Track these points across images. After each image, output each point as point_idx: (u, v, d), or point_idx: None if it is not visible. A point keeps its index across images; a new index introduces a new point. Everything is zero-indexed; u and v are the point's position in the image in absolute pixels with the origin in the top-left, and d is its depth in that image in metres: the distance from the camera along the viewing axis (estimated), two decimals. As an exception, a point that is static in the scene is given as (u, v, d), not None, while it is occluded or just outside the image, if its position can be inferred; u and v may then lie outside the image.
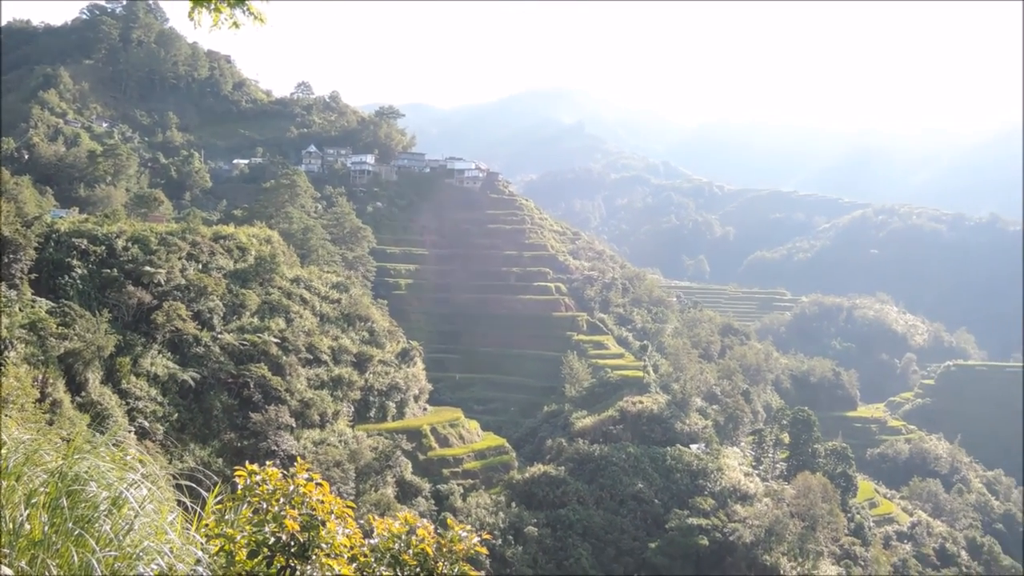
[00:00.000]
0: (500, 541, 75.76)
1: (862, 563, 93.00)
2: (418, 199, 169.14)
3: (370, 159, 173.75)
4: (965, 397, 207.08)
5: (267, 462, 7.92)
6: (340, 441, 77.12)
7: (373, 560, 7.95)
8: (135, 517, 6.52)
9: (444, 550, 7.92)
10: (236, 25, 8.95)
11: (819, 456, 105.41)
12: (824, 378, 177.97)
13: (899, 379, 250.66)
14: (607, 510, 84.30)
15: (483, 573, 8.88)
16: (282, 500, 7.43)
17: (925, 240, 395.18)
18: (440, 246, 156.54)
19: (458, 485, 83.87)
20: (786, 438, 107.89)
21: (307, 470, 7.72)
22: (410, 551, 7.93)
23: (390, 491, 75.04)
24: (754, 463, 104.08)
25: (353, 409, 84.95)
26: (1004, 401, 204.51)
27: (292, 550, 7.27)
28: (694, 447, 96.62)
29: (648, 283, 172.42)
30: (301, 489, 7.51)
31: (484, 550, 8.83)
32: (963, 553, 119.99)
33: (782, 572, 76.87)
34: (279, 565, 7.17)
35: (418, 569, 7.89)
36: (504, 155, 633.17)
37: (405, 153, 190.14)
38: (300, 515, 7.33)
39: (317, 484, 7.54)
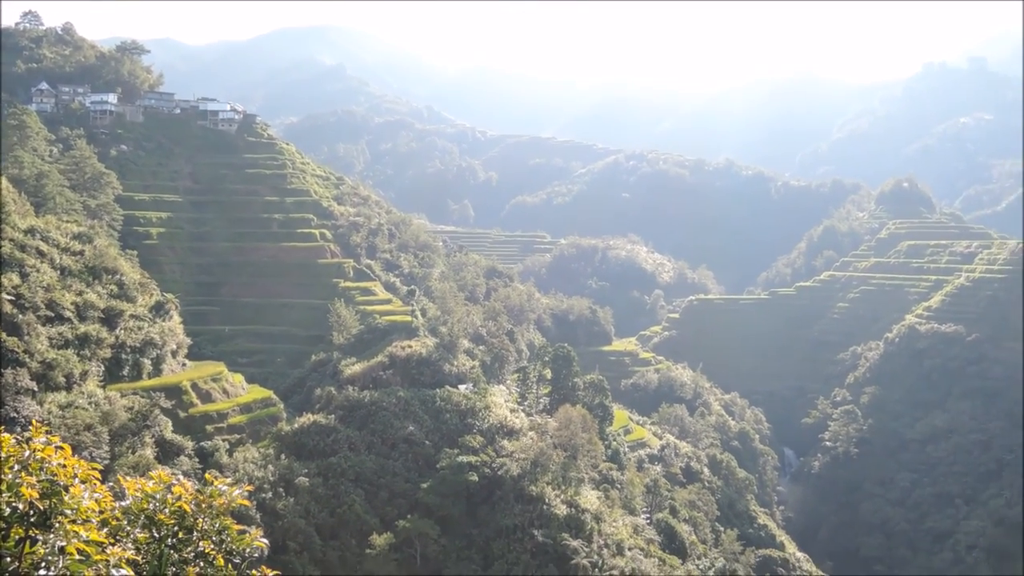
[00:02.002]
0: (271, 494, 74.29)
1: (619, 486, 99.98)
2: (168, 142, 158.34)
3: (112, 99, 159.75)
4: (706, 329, 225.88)
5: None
6: (91, 403, 71.90)
7: (126, 523, 7.53)
8: None
9: (203, 506, 7.63)
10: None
11: (579, 389, 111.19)
12: (582, 316, 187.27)
13: (649, 314, 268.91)
14: (379, 455, 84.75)
15: (256, 528, 8.62)
16: (16, 467, 6.83)
17: (671, 184, 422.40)
18: (195, 192, 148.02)
19: (223, 441, 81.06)
20: (548, 374, 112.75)
21: (46, 433, 7.13)
22: (166, 510, 7.57)
23: (149, 452, 71.24)
24: (519, 399, 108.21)
25: (104, 368, 79.31)
26: (739, 331, 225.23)
27: (32, 519, 6.73)
28: (462, 387, 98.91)
29: (414, 228, 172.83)
30: (38, 454, 6.94)
31: (247, 503, 8.59)
32: (705, 470, 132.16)
33: (547, 500, 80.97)
34: (17, 537, 6.62)
35: (176, 528, 7.56)
36: (261, 97, 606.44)
37: (152, 92, 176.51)
38: (39, 482, 6.78)
39: (58, 448, 7.00)
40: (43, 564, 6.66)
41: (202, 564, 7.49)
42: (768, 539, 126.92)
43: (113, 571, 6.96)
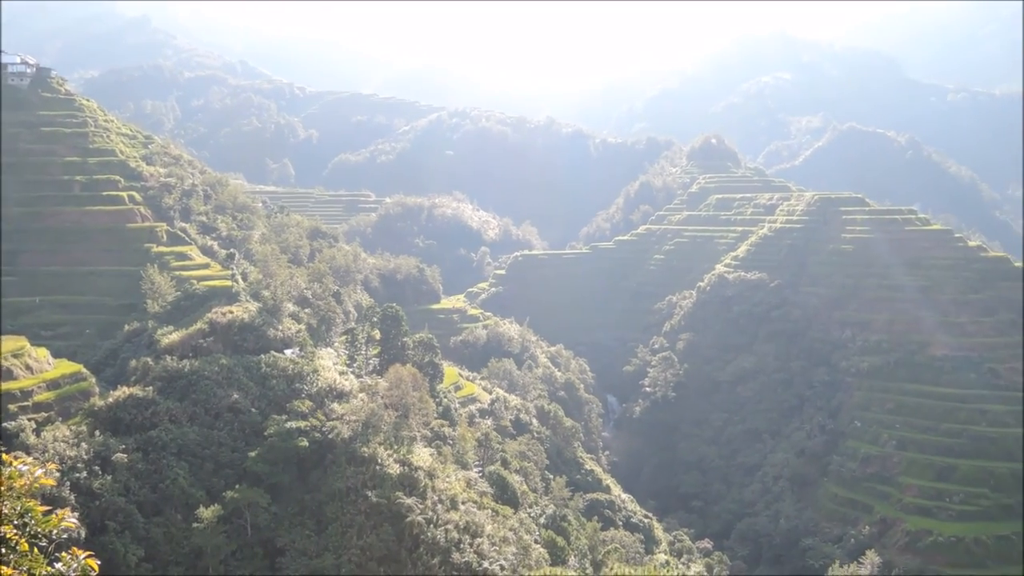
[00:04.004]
0: (85, 473, 70.26)
1: (451, 442, 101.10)
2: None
3: None
4: (531, 284, 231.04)
5: None
6: None
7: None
8: None
9: (2, 488, 7.05)
10: None
11: (408, 348, 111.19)
12: (410, 275, 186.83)
13: (476, 271, 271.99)
14: (203, 425, 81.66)
15: (63, 509, 8.04)
16: None
17: (494, 142, 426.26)
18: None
19: (29, 420, 75.61)
20: (377, 334, 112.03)
21: None
22: (-42, 496, 6.94)
23: (-58, 437, 65.57)
24: (348, 361, 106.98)
25: None
26: (563, 285, 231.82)
27: None
28: (288, 352, 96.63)
29: (232, 189, 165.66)
30: None
31: (52, 482, 8.02)
32: (534, 421, 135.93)
33: (380, 461, 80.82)
34: None
35: (-30, 514, 6.94)
36: (54, 50, 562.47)
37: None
38: None
39: None
40: None
41: (3, 550, 6.91)
42: (595, 483, 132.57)
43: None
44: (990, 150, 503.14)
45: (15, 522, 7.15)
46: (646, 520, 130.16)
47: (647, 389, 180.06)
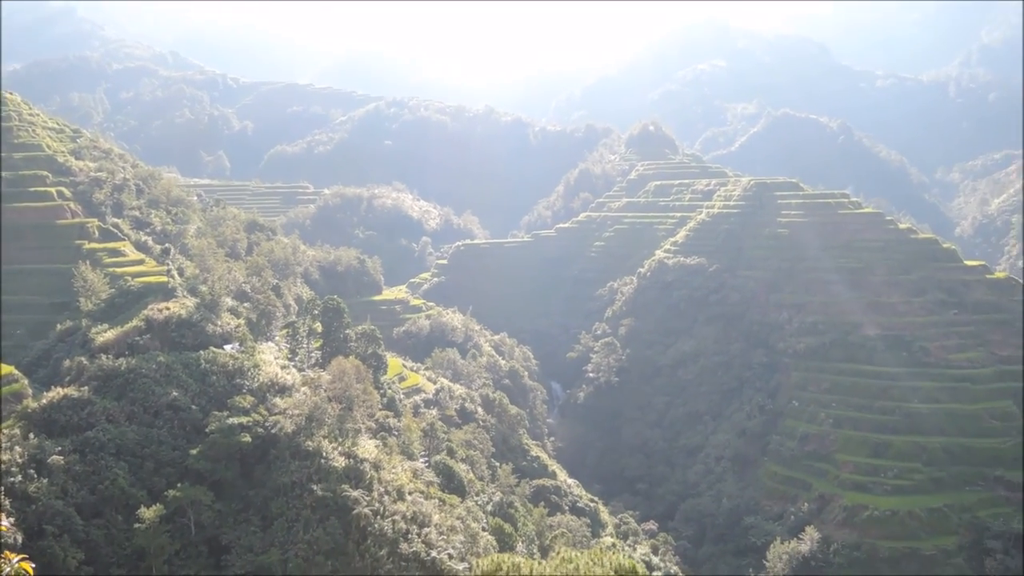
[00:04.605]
0: (20, 477, 68.45)
1: (396, 432, 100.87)
2: None
3: None
4: (473, 273, 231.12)
5: None
6: None
7: None
8: None
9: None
10: None
11: (351, 341, 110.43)
12: (350, 266, 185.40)
13: (417, 261, 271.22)
14: (141, 424, 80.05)
15: (4, 514, 7.94)
16: None
17: (433, 131, 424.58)
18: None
19: (-42, 424, 73.45)
20: (319, 327, 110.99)
21: None
22: None
23: None
24: (290, 355, 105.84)
25: None
26: (505, 274, 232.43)
27: None
28: (228, 347, 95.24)
29: (165, 183, 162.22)
30: None
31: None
32: (479, 409, 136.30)
33: (325, 454, 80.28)
34: None
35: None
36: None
37: None
38: None
39: None
40: None
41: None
42: (541, 469, 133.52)
43: None
44: (918, 135, 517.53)
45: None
46: (592, 504, 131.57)
47: (590, 375, 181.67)
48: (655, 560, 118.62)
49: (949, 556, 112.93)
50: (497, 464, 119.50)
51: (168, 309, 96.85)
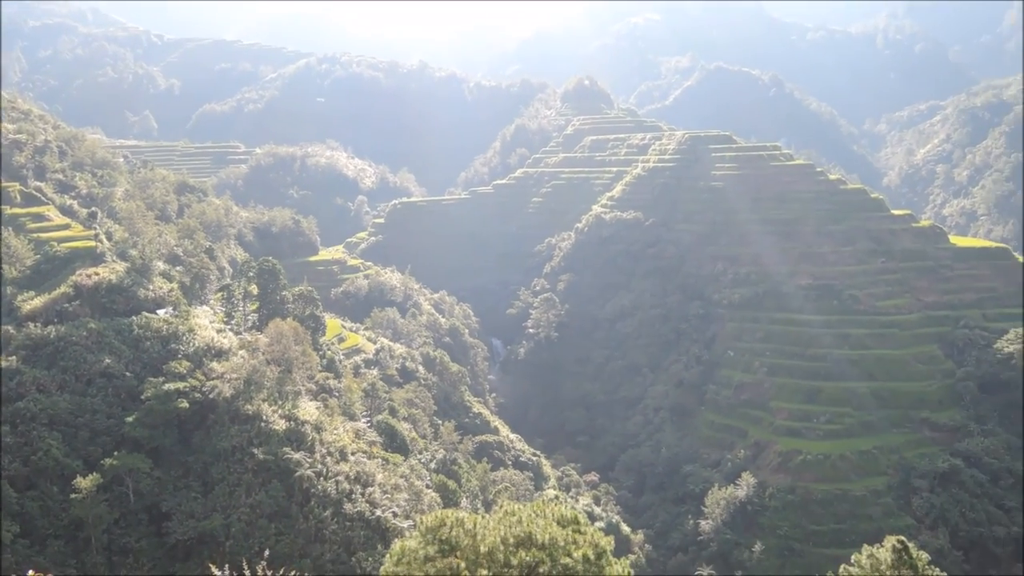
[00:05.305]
0: (-54, 451, 66.69)
1: (337, 394, 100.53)
2: None
3: None
4: (411, 231, 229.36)
5: None
6: None
7: None
8: None
9: None
10: None
11: (288, 302, 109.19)
12: (285, 227, 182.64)
13: (354, 221, 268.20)
14: (74, 393, 78.43)
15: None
16: None
17: (366, 88, 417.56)
18: None
19: None
20: (255, 290, 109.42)
21: None
22: None
23: None
24: (226, 319, 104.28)
25: None
26: (443, 231, 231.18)
27: None
28: (161, 312, 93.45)
29: (89, 144, 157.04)
30: None
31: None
32: (420, 368, 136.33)
33: (265, 417, 79.72)
34: None
35: None
36: None
37: None
38: None
39: None
40: None
41: None
42: (484, 426, 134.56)
43: None
44: (847, 86, 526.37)
45: None
46: (534, 458, 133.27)
47: (530, 331, 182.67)
48: (597, 510, 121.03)
49: (879, 496, 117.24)
50: (440, 422, 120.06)
51: (97, 274, 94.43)
